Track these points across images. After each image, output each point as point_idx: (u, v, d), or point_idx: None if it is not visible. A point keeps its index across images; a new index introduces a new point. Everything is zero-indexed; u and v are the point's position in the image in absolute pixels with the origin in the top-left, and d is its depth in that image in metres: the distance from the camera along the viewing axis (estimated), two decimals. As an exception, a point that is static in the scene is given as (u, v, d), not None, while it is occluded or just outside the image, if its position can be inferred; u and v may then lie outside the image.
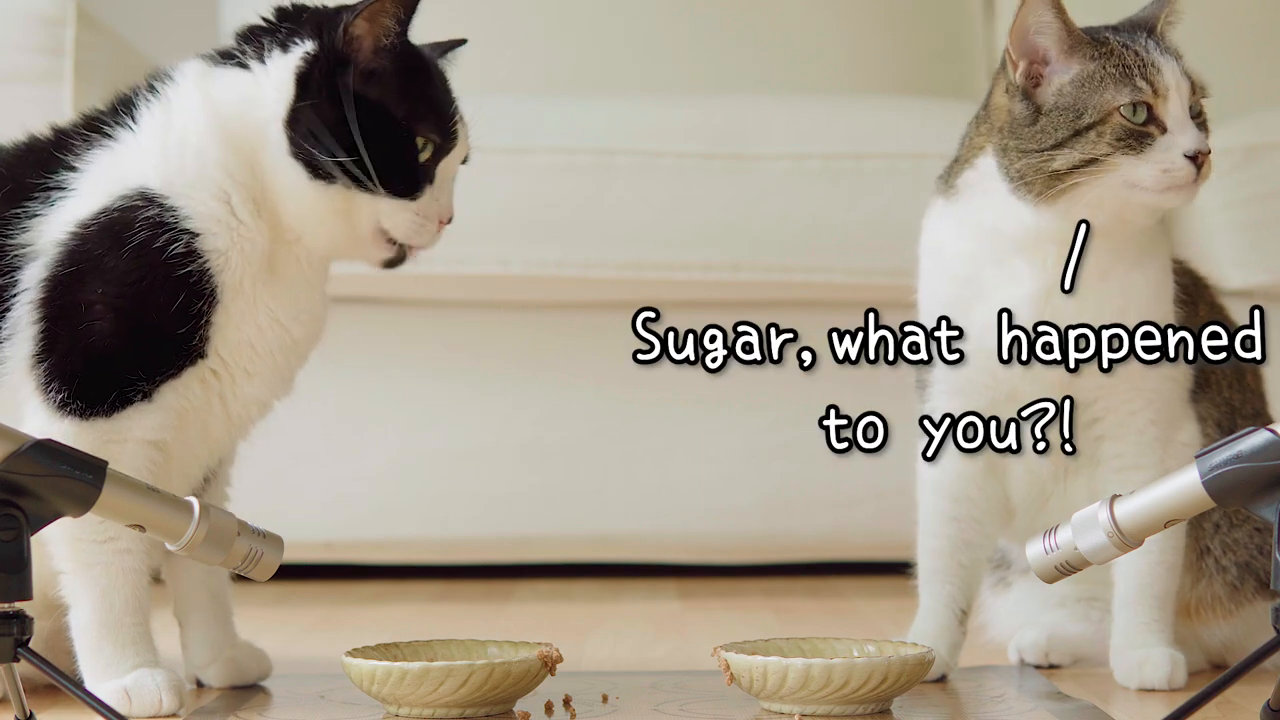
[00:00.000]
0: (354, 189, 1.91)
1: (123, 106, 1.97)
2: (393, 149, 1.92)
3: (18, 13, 2.88)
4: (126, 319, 1.88)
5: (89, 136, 1.96)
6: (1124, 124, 2.00)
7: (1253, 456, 1.62)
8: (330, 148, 1.89)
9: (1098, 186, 2.00)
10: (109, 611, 1.89)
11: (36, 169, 1.95)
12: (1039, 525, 1.95)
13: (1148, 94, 2.00)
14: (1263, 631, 2.06)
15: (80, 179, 1.93)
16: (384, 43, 1.92)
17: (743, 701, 1.93)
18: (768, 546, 3.09)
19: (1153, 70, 2.01)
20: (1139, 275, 2.06)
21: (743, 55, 3.63)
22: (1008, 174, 2.04)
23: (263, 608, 2.76)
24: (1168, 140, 2.00)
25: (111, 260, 1.88)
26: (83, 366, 1.88)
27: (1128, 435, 2.07)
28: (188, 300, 1.89)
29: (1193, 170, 1.99)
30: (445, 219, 1.97)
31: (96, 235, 1.90)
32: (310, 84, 1.91)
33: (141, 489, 1.71)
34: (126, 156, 1.94)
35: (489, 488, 3.04)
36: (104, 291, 1.88)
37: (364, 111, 1.91)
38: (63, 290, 1.89)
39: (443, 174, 1.96)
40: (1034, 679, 2.11)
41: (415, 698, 1.85)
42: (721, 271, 2.96)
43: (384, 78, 1.92)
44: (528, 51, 3.61)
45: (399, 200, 1.93)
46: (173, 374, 1.91)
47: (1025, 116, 2.03)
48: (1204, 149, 2.00)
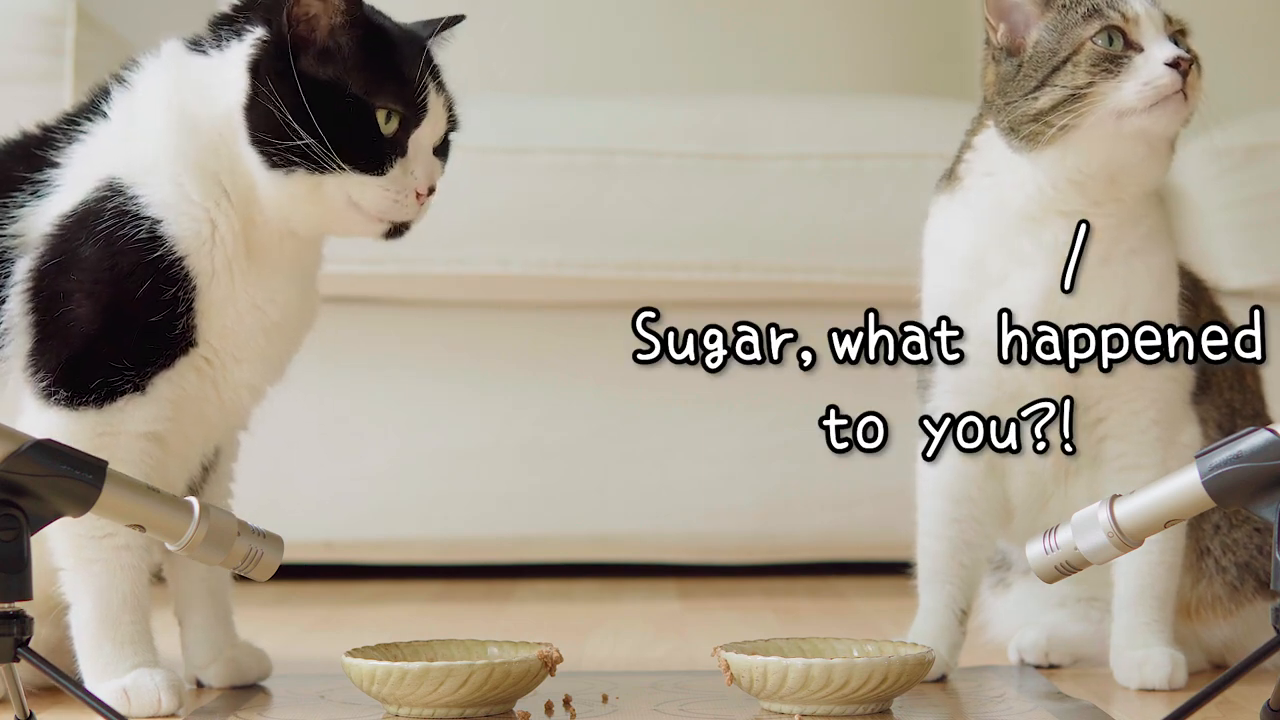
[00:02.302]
0: (316, 173, 1.90)
1: (98, 98, 1.98)
2: (351, 124, 1.90)
3: (18, 13, 2.88)
4: (102, 307, 1.89)
5: (68, 131, 1.97)
6: (1098, 51, 2.00)
7: (1253, 456, 1.62)
8: (284, 133, 1.88)
9: (1087, 125, 1.99)
10: (107, 609, 1.89)
11: (24, 164, 1.96)
12: (1039, 526, 1.95)
13: (1117, 19, 2.00)
14: (1263, 631, 2.06)
15: (63, 174, 1.94)
16: (337, 20, 1.90)
17: (743, 701, 1.93)
18: (768, 546, 3.09)
19: (1121, 2, 2.02)
20: (1140, 263, 2.05)
21: (743, 55, 3.63)
22: (1002, 132, 2.04)
23: (263, 608, 2.75)
24: (1144, 56, 1.99)
25: (85, 249, 1.89)
26: (65, 354, 1.89)
27: (1131, 435, 2.07)
28: (157, 287, 1.89)
29: (1176, 77, 1.98)
30: (424, 190, 1.95)
31: (73, 226, 1.91)
32: (260, 70, 1.91)
33: (141, 489, 1.71)
34: (100, 146, 1.95)
35: (489, 488, 3.04)
36: (79, 280, 1.89)
37: (317, 91, 1.89)
38: (47, 281, 1.90)
39: (416, 145, 1.94)
40: (1034, 679, 2.11)
41: (415, 698, 1.85)
42: (721, 271, 2.96)
43: (339, 55, 1.90)
44: (528, 51, 3.61)
45: (365, 176, 1.91)
46: (164, 364, 1.91)
47: (1010, 72, 2.04)
48: (1183, 55, 1.98)
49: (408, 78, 1.93)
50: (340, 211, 1.93)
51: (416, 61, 1.95)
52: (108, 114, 1.96)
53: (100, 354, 1.89)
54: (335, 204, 1.92)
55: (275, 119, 1.89)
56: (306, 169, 1.90)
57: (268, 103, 1.89)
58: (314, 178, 1.90)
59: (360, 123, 1.91)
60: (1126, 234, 2.05)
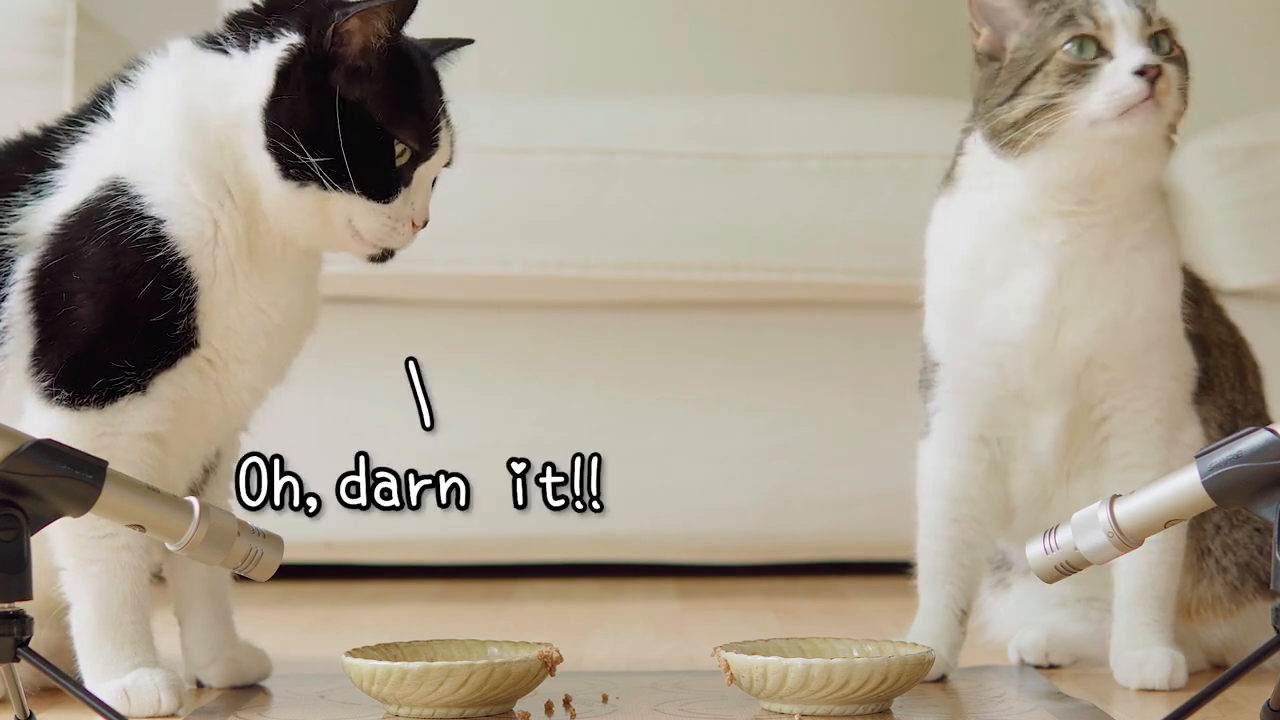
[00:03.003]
0: (328, 190, 1.90)
1: (101, 97, 1.98)
2: (370, 151, 1.90)
3: (18, 13, 2.88)
4: (105, 306, 1.88)
5: (71, 132, 1.96)
6: (1067, 61, 1.99)
7: (1253, 456, 1.62)
8: (305, 146, 1.88)
9: (1062, 134, 1.99)
10: (107, 609, 1.89)
11: (26, 164, 1.95)
12: (1041, 526, 1.94)
13: (1089, 28, 1.99)
14: (1263, 631, 2.06)
15: (65, 174, 1.94)
16: (374, 44, 1.90)
17: (743, 701, 1.93)
18: (768, 546, 3.09)
19: (1096, 7, 2.00)
20: (1143, 259, 2.05)
21: (743, 55, 3.63)
22: (984, 138, 2.04)
23: (263, 608, 2.75)
24: (1114, 65, 1.98)
25: (88, 249, 1.89)
26: (67, 354, 1.88)
27: (1134, 434, 2.07)
28: (159, 287, 1.89)
29: (1143, 86, 1.97)
30: (420, 223, 1.96)
31: (76, 225, 1.90)
32: (291, 77, 1.90)
33: (141, 489, 1.71)
34: (104, 146, 1.94)
35: (489, 488, 3.04)
36: (81, 279, 1.89)
37: (344, 110, 1.89)
38: (49, 281, 1.90)
39: (420, 178, 1.95)
40: (1034, 679, 2.11)
41: (415, 698, 1.85)
42: (721, 271, 2.96)
43: (369, 78, 1.90)
44: (528, 51, 3.61)
45: (371, 203, 1.92)
46: (165, 365, 1.90)
47: (990, 77, 2.04)
48: (1151, 62, 1.97)
49: (428, 114, 1.94)
50: (337, 231, 1.93)
51: (436, 96, 1.96)
52: (111, 114, 1.96)
53: (102, 354, 1.88)
54: (335, 223, 1.92)
55: (299, 129, 1.88)
56: (319, 185, 1.90)
57: (292, 112, 1.89)
58: (322, 194, 1.90)
59: (380, 151, 1.91)
60: (1128, 230, 2.04)
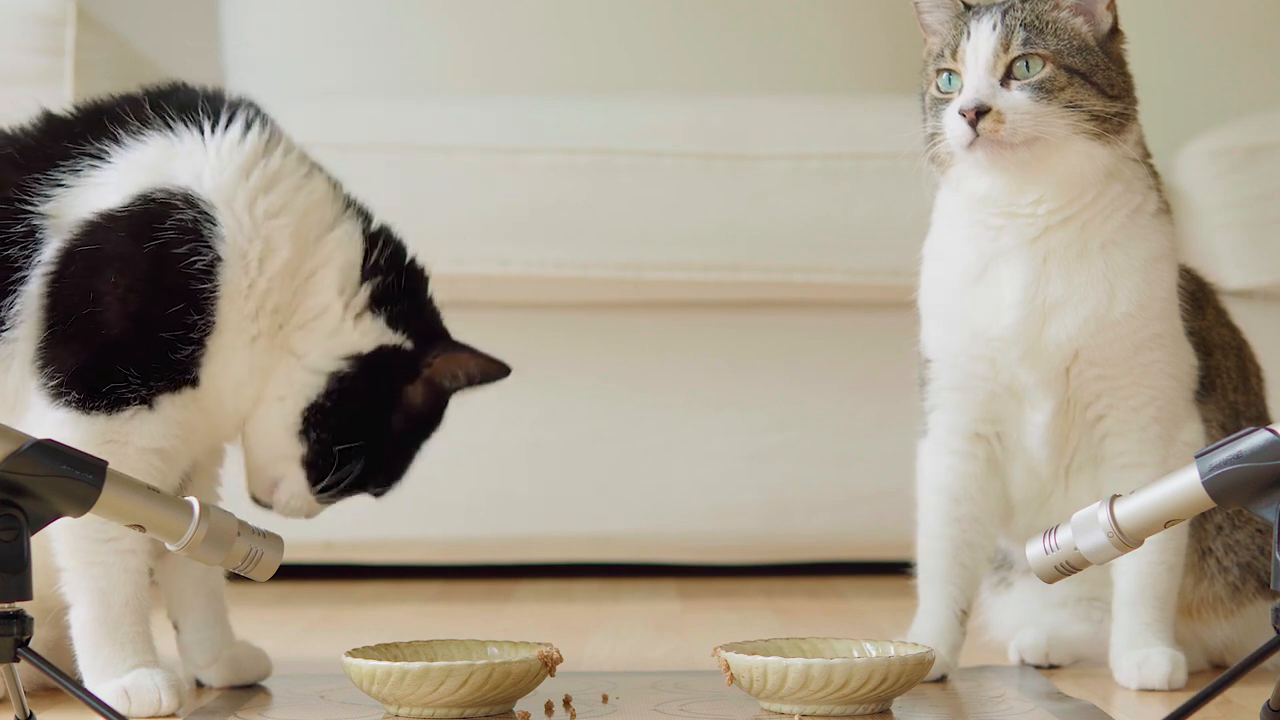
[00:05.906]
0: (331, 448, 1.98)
1: (206, 102, 1.96)
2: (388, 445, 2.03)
3: (18, 13, 2.88)
4: (131, 314, 1.88)
5: (116, 129, 1.94)
6: (934, 95, 2.01)
7: (1253, 456, 1.62)
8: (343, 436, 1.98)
9: (950, 158, 2.01)
10: (108, 611, 1.89)
11: (63, 144, 1.93)
12: (1040, 525, 1.95)
13: (948, 62, 2.00)
14: (1263, 632, 2.06)
15: (111, 171, 1.92)
16: (442, 386, 2.05)
17: (743, 701, 1.93)
18: (768, 546, 3.09)
19: (962, 37, 2.00)
20: (1120, 254, 2.03)
21: (743, 55, 3.63)
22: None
23: (263, 608, 2.76)
24: (952, 104, 1.99)
25: (132, 252, 1.88)
26: (82, 355, 1.88)
27: (1131, 433, 2.07)
28: (188, 312, 1.89)
29: (966, 130, 1.95)
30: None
31: (124, 223, 1.89)
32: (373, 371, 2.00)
33: (141, 489, 1.71)
34: (183, 154, 1.92)
35: (489, 488, 3.04)
36: (115, 282, 1.88)
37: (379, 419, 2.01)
38: (77, 274, 1.88)
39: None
40: (1034, 679, 2.11)
41: (415, 698, 1.85)
42: (721, 271, 2.96)
43: (411, 415, 2.04)
44: (528, 51, 3.61)
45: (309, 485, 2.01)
46: (169, 389, 1.91)
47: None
48: (968, 106, 1.95)
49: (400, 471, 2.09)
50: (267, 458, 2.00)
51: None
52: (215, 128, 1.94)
53: (116, 361, 1.88)
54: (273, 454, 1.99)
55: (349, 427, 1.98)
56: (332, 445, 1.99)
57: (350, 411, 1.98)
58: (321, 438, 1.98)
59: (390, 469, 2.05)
60: (1098, 228, 2.03)
